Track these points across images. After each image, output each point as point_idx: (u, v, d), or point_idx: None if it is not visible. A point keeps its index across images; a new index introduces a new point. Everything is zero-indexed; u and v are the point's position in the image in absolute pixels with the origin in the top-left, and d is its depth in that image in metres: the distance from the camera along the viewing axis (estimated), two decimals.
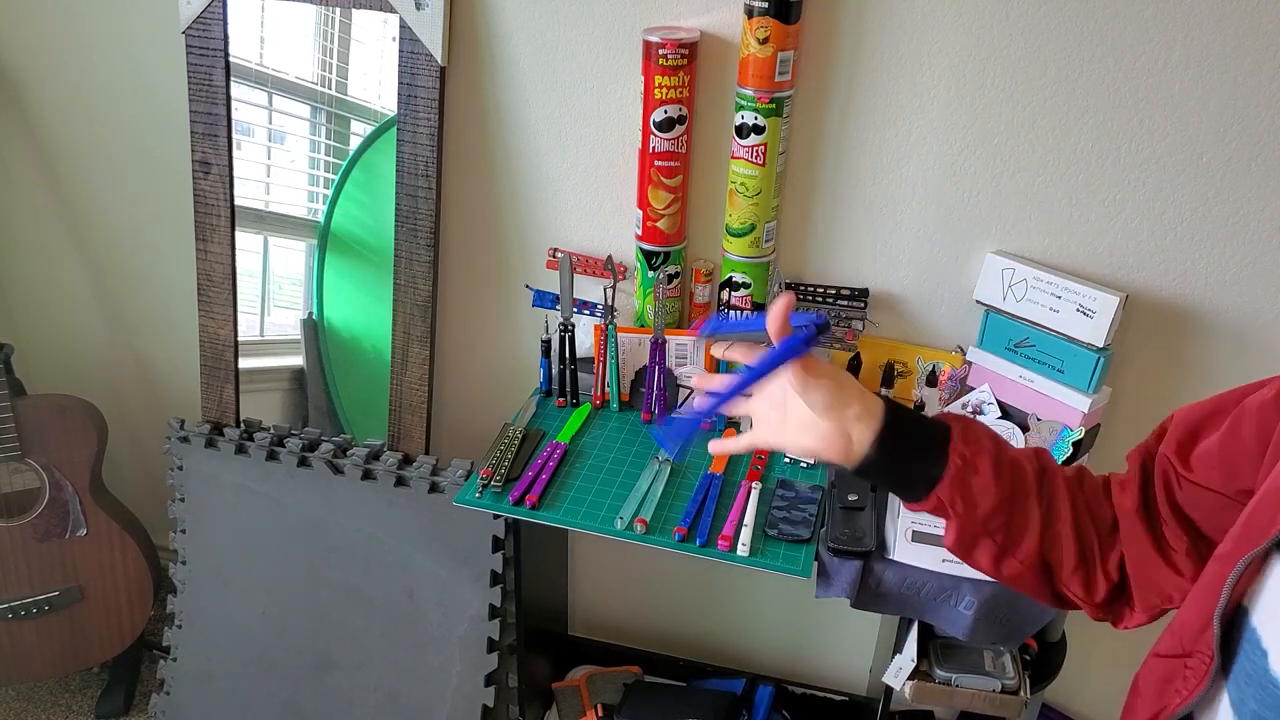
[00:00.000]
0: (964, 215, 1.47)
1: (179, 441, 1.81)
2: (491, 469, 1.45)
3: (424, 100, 1.57)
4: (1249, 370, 1.44)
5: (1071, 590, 0.87)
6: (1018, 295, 1.44)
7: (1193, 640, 0.71)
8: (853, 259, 1.56)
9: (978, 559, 0.88)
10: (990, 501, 0.84)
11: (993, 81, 1.37)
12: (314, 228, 1.74)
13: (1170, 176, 1.37)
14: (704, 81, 1.48)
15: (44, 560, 1.87)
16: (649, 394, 1.59)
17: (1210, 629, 0.68)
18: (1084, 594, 0.86)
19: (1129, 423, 1.54)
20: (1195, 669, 0.70)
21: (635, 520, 1.37)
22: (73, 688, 2.11)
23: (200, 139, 1.69)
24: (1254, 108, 1.30)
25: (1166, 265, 1.42)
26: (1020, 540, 0.85)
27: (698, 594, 1.98)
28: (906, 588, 1.30)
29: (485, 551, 1.67)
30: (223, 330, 1.79)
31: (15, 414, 1.77)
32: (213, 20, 1.62)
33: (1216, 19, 1.26)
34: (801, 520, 1.36)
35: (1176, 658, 0.73)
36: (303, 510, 1.77)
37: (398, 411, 1.75)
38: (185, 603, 1.88)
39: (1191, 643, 0.71)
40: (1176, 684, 0.72)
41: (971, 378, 1.53)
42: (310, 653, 1.82)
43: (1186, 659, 0.71)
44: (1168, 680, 0.74)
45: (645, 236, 1.56)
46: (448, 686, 1.75)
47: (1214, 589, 0.69)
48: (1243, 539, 0.69)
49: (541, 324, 1.68)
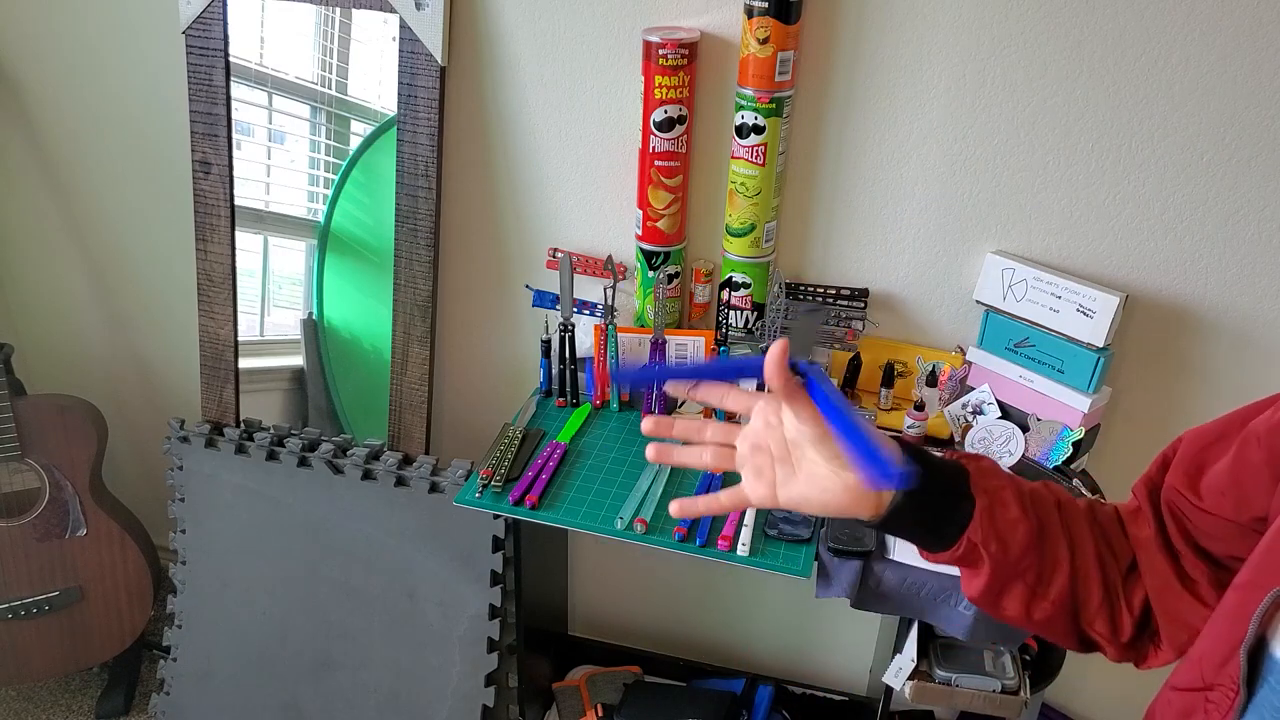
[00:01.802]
0: (964, 215, 1.47)
1: (179, 441, 1.81)
2: (491, 469, 1.45)
3: (424, 100, 1.57)
4: (1249, 370, 1.44)
5: (1096, 630, 0.82)
6: (1018, 295, 1.44)
7: (1214, 673, 0.68)
8: (853, 259, 1.56)
9: (1006, 606, 0.82)
10: (1022, 538, 0.79)
11: (993, 82, 1.38)
12: (314, 228, 1.74)
13: (1170, 176, 1.37)
14: (704, 81, 1.48)
15: (44, 560, 1.87)
16: (649, 394, 1.59)
17: (1235, 661, 0.65)
18: (1109, 633, 0.82)
19: (1129, 423, 1.54)
20: (1219, 703, 0.67)
21: (635, 520, 1.37)
22: (73, 688, 2.11)
23: (200, 139, 1.69)
24: (1254, 108, 1.30)
25: (1166, 265, 1.42)
26: (1051, 579, 0.80)
27: (698, 594, 1.98)
28: (906, 588, 1.30)
29: (485, 551, 1.67)
30: (223, 330, 1.79)
31: (15, 414, 1.77)
32: (213, 20, 1.62)
33: (1216, 19, 1.26)
34: (801, 520, 1.36)
35: (1197, 691, 0.70)
36: (303, 510, 1.77)
37: (398, 411, 1.75)
38: (185, 603, 1.88)
39: (1213, 675, 0.68)
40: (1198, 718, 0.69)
41: (971, 378, 1.53)
42: (310, 653, 1.82)
43: (1208, 692, 0.69)
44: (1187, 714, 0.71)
45: (645, 236, 1.56)
46: (448, 686, 1.75)
47: (1236, 620, 0.66)
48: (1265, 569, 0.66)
49: (541, 324, 1.68)
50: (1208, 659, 0.70)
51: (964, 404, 1.51)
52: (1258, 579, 0.67)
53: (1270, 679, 0.64)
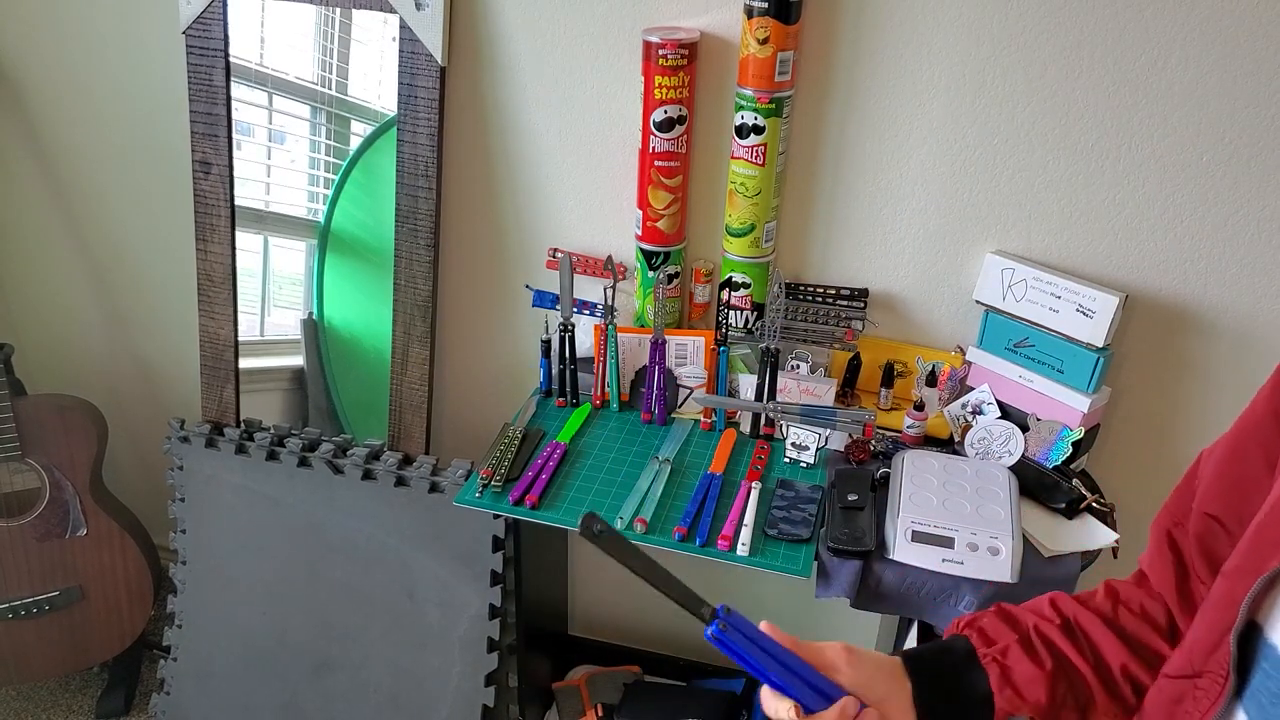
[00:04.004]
0: (964, 215, 1.47)
1: (179, 441, 1.81)
2: (491, 469, 1.45)
3: (424, 100, 1.57)
4: (1249, 370, 1.44)
5: None
6: (1017, 295, 1.44)
7: (1203, 659, 0.69)
8: (852, 259, 1.56)
9: None
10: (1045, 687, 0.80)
11: (993, 82, 1.38)
12: (314, 228, 1.74)
13: (1170, 176, 1.37)
14: (704, 81, 1.48)
15: (44, 560, 1.87)
16: (649, 394, 1.59)
17: (1224, 647, 0.66)
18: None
19: (1129, 423, 1.54)
20: (1208, 689, 0.68)
21: (635, 520, 1.37)
22: (73, 688, 2.11)
23: (200, 139, 1.69)
24: (1254, 108, 1.30)
25: (1166, 265, 1.42)
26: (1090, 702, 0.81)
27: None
28: (906, 588, 1.30)
29: (485, 551, 1.67)
30: (223, 330, 1.79)
31: (15, 414, 1.77)
32: (213, 20, 1.62)
33: (1216, 19, 1.26)
34: (801, 520, 1.36)
35: (1186, 678, 0.71)
36: (303, 510, 1.77)
37: (398, 411, 1.75)
38: (185, 603, 1.88)
39: (1202, 662, 0.69)
40: (1187, 705, 0.70)
41: (971, 378, 1.53)
42: (310, 653, 1.82)
43: (1197, 679, 0.69)
44: (1177, 701, 0.71)
45: (645, 236, 1.56)
46: (448, 686, 1.75)
47: (1226, 607, 0.66)
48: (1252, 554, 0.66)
49: (541, 324, 1.68)
50: (1197, 646, 0.70)
51: (964, 404, 1.51)
52: (1246, 565, 0.66)
53: (1265, 664, 0.64)
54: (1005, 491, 1.35)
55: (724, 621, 0.73)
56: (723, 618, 0.73)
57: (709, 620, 0.73)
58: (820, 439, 1.49)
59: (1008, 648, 0.82)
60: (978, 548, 1.26)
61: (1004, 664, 0.81)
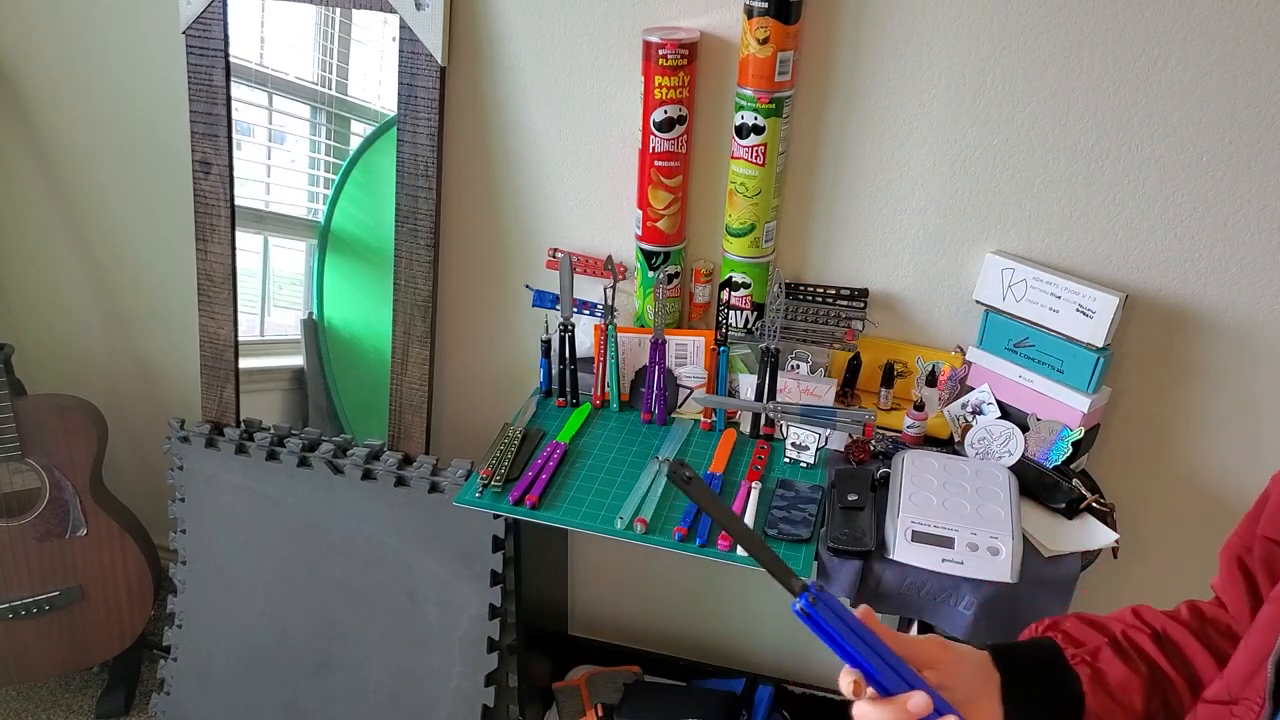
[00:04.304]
0: (964, 215, 1.47)
1: (179, 441, 1.82)
2: (491, 469, 1.45)
3: (424, 100, 1.57)
4: (1249, 370, 1.44)
5: None
6: (1017, 295, 1.44)
7: (1240, 686, 0.68)
8: (853, 259, 1.56)
9: None
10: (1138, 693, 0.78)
11: (993, 82, 1.38)
12: (314, 228, 1.74)
13: (1170, 176, 1.37)
14: (704, 81, 1.48)
15: (44, 560, 1.87)
16: (649, 394, 1.59)
17: (1262, 674, 0.65)
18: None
19: (1129, 423, 1.54)
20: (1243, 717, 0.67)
21: (635, 520, 1.37)
22: (73, 688, 2.11)
23: (200, 139, 1.69)
24: (1254, 108, 1.30)
25: (1166, 265, 1.42)
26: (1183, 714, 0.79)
27: (698, 594, 1.98)
28: (906, 588, 1.30)
29: (485, 551, 1.67)
30: (223, 330, 1.79)
31: (15, 414, 1.77)
32: (213, 20, 1.62)
33: (1216, 19, 1.26)
34: (801, 520, 1.36)
35: (1223, 704, 0.69)
36: (303, 510, 1.77)
37: (398, 411, 1.75)
38: (185, 603, 1.88)
39: (1240, 689, 0.68)
40: None
41: (971, 378, 1.53)
42: (310, 653, 1.82)
43: (1233, 705, 0.68)
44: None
45: (645, 236, 1.56)
46: (448, 686, 1.75)
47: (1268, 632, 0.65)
48: None
49: (541, 324, 1.68)
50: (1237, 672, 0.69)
51: (964, 404, 1.51)
52: None
53: None
54: (1005, 491, 1.35)
55: (814, 595, 0.71)
56: (814, 592, 0.72)
57: (798, 592, 0.72)
58: (820, 439, 1.49)
59: (1099, 649, 0.79)
60: (978, 548, 1.26)
61: (1095, 666, 0.79)
